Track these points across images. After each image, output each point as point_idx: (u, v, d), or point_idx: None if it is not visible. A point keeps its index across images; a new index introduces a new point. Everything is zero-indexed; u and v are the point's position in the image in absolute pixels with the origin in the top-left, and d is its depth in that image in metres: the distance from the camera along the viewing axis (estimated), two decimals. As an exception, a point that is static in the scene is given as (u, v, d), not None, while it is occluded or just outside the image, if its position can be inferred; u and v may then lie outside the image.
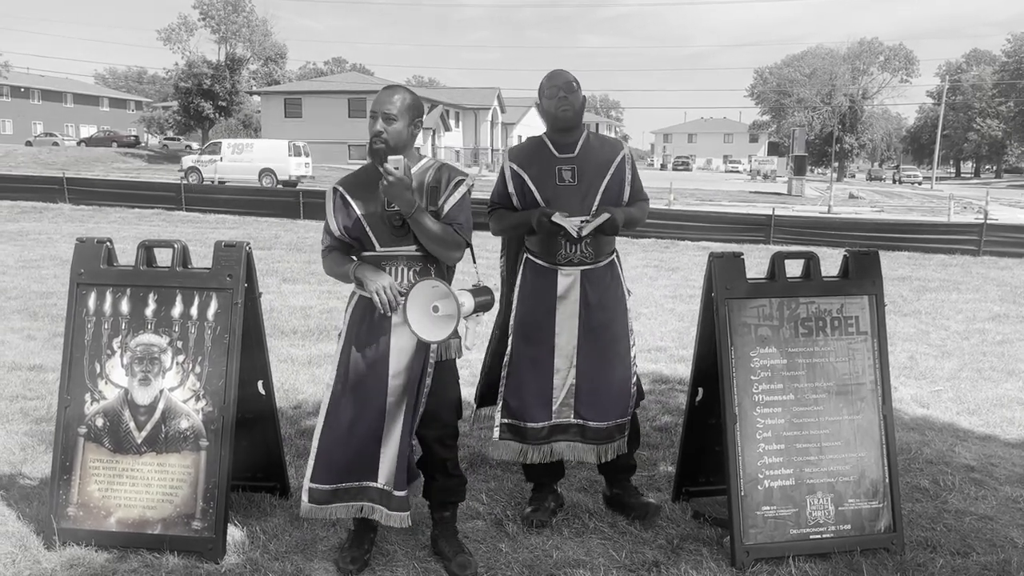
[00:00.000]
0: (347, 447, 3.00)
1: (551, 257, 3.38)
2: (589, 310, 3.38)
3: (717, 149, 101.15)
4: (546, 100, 3.37)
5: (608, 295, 3.43)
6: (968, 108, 77.35)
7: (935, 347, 7.34)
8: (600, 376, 3.42)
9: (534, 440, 3.43)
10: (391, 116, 2.91)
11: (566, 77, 3.37)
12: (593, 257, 3.38)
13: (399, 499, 3.00)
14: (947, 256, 15.27)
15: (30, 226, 16.07)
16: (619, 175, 3.42)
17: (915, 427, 4.98)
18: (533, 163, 3.41)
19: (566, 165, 3.37)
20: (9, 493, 3.62)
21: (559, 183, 3.35)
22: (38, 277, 9.70)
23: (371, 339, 2.98)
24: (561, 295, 3.38)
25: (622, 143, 3.57)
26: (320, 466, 3.02)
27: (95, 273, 3.29)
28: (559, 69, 3.41)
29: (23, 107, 67.62)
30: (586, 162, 3.38)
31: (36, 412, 4.79)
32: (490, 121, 59.86)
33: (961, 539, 3.43)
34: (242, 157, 29.91)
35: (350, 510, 3.06)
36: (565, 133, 3.41)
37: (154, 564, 3.05)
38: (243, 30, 49.86)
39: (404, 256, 2.97)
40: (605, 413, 3.44)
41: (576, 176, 3.36)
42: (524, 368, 3.42)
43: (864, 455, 3.31)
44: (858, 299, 3.38)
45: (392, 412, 3.00)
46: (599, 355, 3.41)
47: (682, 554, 3.26)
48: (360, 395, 2.99)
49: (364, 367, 2.98)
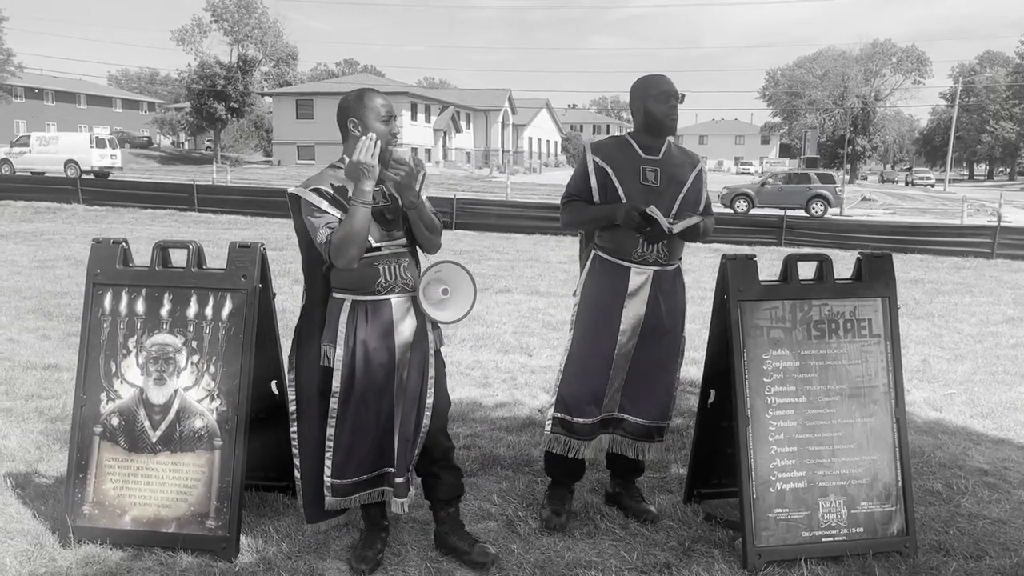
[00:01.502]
0: (362, 443, 3.04)
1: (626, 254, 3.37)
2: (656, 311, 3.39)
3: (728, 151, 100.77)
4: (654, 103, 3.37)
5: (674, 299, 3.45)
6: (981, 110, 76.89)
7: (948, 350, 7.31)
8: (651, 377, 3.45)
9: (582, 435, 3.45)
10: (395, 115, 3.05)
11: (672, 86, 3.40)
12: (667, 258, 3.39)
13: (399, 484, 3.09)
14: (960, 259, 15.20)
15: (44, 226, 16.20)
16: (697, 185, 3.46)
17: (928, 430, 4.96)
18: (618, 160, 3.42)
19: (650, 167, 3.39)
20: (25, 491, 3.65)
21: (643, 182, 3.37)
22: (52, 277, 9.77)
23: (375, 340, 2.99)
24: (631, 293, 3.38)
25: (699, 157, 3.63)
26: (338, 463, 3.05)
27: (111, 273, 3.32)
28: (663, 75, 3.44)
29: (37, 108, 68.02)
30: (668, 167, 3.41)
31: (51, 411, 4.83)
32: (501, 122, 59.89)
33: (974, 543, 3.42)
34: (48, 149, 31.56)
35: (372, 496, 3.12)
36: (652, 137, 3.43)
37: (168, 562, 3.07)
38: (255, 32, 50.09)
39: (394, 253, 3.01)
40: (647, 412, 3.46)
41: (659, 179, 3.38)
42: (584, 364, 3.44)
43: (877, 458, 3.30)
44: (871, 301, 3.38)
45: (405, 404, 3.06)
46: (655, 356, 3.43)
47: (694, 556, 3.26)
48: (371, 395, 3.02)
49: (372, 368, 3.00)
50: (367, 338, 2.99)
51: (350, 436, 3.03)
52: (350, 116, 2.97)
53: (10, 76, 48.17)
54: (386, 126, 2.96)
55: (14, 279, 9.56)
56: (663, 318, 3.41)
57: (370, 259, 2.96)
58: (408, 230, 3.05)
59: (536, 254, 13.71)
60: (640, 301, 3.39)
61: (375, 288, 2.98)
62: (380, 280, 2.98)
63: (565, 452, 3.47)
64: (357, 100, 2.98)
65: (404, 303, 3.03)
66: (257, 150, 65.76)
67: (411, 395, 3.06)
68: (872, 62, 70.50)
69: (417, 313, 3.06)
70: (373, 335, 2.99)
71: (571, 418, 3.45)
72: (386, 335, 3.00)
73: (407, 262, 3.05)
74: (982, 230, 16.61)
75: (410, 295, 3.04)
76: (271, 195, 21.72)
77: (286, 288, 9.26)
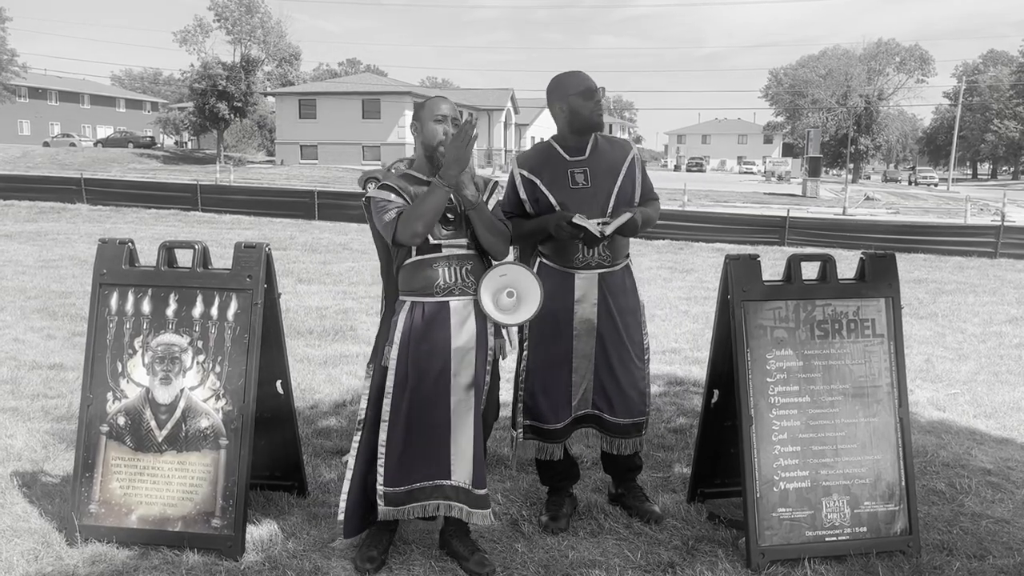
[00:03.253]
0: (415, 449, 3.03)
1: (568, 261, 3.36)
2: (608, 312, 3.39)
3: (731, 150, 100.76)
4: (579, 101, 3.31)
5: (625, 297, 3.44)
6: (985, 109, 76.76)
7: (952, 350, 7.31)
8: (617, 375, 3.44)
9: (556, 438, 3.46)
10: (455, 119, 3.08)
11: (590, 81, 3.36)
12: (610, 260, 3.38)
13: (480, 497, 3.07)
14: (964, 258, 15.18)
15: (49, 226, 16.23)
16: (631, 175, 3.41)
17: (931, 430, 4.97)
18: (544, 168, 3.39)
19: (578, 168, 3.36)
20: (31, 490, 3.67)
21: (572, 186, 3.34)
22: (57, 277, 9.80)
23: (431, 343, 3.00)
24: (579, 298, 3.37)
25: (630, 143, 3.55)
26: (390, 470, 3.04)
27: (117, 273, 3.33)
28: (579, 71, 3.39)
29: (41, 108, 68.17)
30: (597, 164, 3.38)
31: (57, 410, 4.85)
32: (503, 122, 59.84)
33: (977, 542, 3.43)
34: None
35: (426, 509, 3.09)
36: (578, 137, 3.39)
37: (174, 561, 3.09)
38: (257, 31, 50.02)
39: (457, 255, 3.03)
40: (623, 410, 3.46)
41: (589, 178, 3.35)
42: (543, 371, 3.43)
43: (880, 457, 3.31)
44: (874, 301, 3.38)
45: (460, 411, 3.04)
46: (617, 356, 3.43)
47: (697, 555, 3.27)
48: (424, 399, 3.01)
49: (426, 371, 3.00)
50: (422, 339, 3.00)
51: (403, 441, 3.02)
52: (414, 119, 3.12)
53: (14, 76, 48.20)
54: (439, 125, 3.03)
55: (19, 279, 9.58)
56: (615, 318, 3.40)
57: (430, 260, 3.00)
58: (472, 233, 3.06)
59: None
60: (589, 305, 3.38)
61: (434, 290, 3.00)
62: (439, 282, 3.00)
63: (543, 456, 3.48)
64: (420, 105, 3.13)
65: (464, 307, 3.03)
66: (260, 150, 65.81)
67: (476, 402, 3.06)
68: (875, 61, 70.35)
69: (478, 318, 3.06)
70: (429, 336, 3.00)
71: (541, 424, 3.45)
72: (442, 338, 3.00)
73: (470, 265, 3.06)
74: (986, 230, 16.58)
75: (471, 298, 3.05)
76: (274, 195, 21.77)
77: (290, 288, 9.28)
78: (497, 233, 3.07)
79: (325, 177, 36.70)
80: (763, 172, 69.64)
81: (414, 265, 3.02)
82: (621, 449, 3.51)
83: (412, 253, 3.02)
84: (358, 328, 7.51)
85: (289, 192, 22.73)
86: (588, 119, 3.33)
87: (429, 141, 3.03)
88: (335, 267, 11.47)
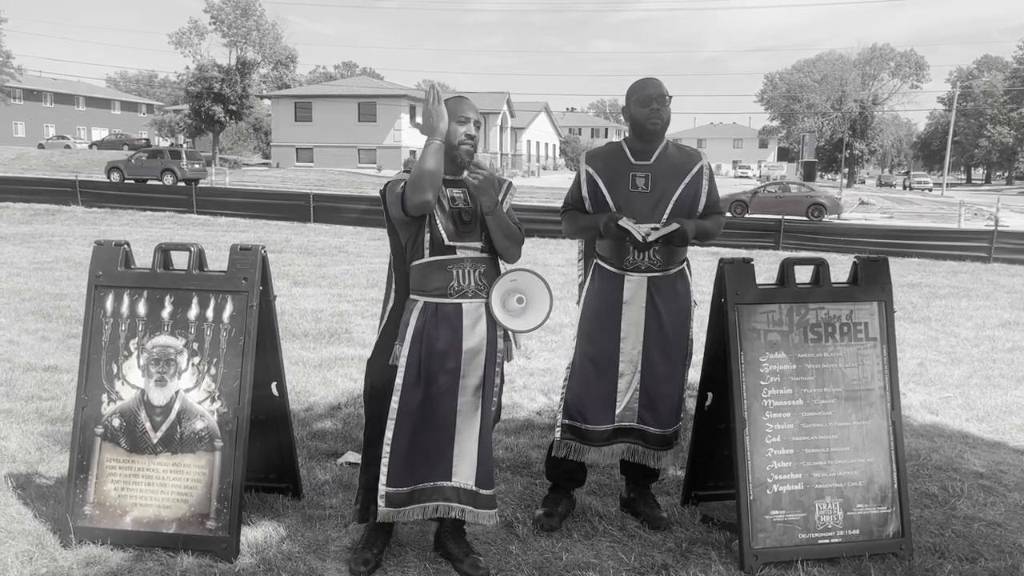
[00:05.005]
0: (418, 450, 3.04)
1: (619, 262, 3.40)
2: (656, 317, 3.40)
3: (727, 154, 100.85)
4: (636, 107, 3.38)
5: (675, 304, 3.45)
6: (979, 114, 76.97)
7: (945, 354, 7.34)
8: (663, 383, 3.45)
9: (595, 442, 3.48)
10: (478, 122, 3.09)
11: (660, 89, 3.40)
12: (661, 265, 3.40)
13: (486, 497, 3.07)
14: (957, 263, 15.24)
15: (43, 228, 16.20)
16: (694, 185, 3.42)
17: (924, 433, 4.99)
18: (608, 168, 3.45)
19: (640, 172, 3.40)
20: (26, 492, 3.67)
21: (632, 189, 3.39)
22: (52, 279, 9.78)
23: (441, 344, 3.00)
24: (627, 300, 3.40)
25: (701, 154, 3.55)
26: (393, 470, 3.03)
27: (113, 275, 3.34)
28: (652, 78, 3.45)
29: (35, 110, 68.06)
30: (661, 171, 3.40)
31: (51, 412, 4.84)
32: (499, 126, 59.88)
33: (969, 545, 3.44)
34: None
35: (426, 511, 3.09)
36: (641, 141, 3.44)
37: (169, 563, 3.09)
38: (253, 34, 50.00)
39: (470, 258, 3.03)
40: (665, 420, 3.48)
41: (649, 184, 3.38)
42: (588, 371, 3.46)
43: (873, 460, 3.33)
44: (867, 305, 3.40)
45: (466, 412, 3.05)
46: (663, 363, 3.44)
47: (691, 558, 3.28)
48: (430, 399, 3.02)
49: (436, 369, 3.01)
50: (434, 340, 3.00)
51: (408, 441, 3.02)
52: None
53: (9, 78, 48.11)
54: (460, 127, 3.04)
55: (13, 281, 9.56)
56: (665, 325, 3.41)
57: (444, 261, 3.00)
58: (487, 236, 3.07)
59: (535, 257, 13.73)
60: (637, 308, 3.40)
61: (447, 291, 3.01)
62: (453, 283, 3.01)
63: (577, 458, 3.49)
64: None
65: (476, 309, 3.03)
66: (256, 152, 65.75)
67: (483, 404, 3.06)
68: (870, 66, 70.60)
69: (489, 320, 3.07)
70: (440, 337, 3.00)
71: (581, 424, 3.48)
72: (453, 339, 3.01)
73: (484, 268, 3.06)
74: (979, 234, 16.66)
75: (483, 301, 3.05)
76: (270, 198, 21.76)
77: (286, 290, 9.28)
78: (511, 237, 3.09)
79: (321, 180, 36.70)
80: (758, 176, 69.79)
81: (427, 265, 3.01)
82: (661, 463, 3.53)
83: (425, 253, 3.01)
84: (353, 331, 7.52)
85: (285, 195, 22.74)
86: (643, 125, 3.40)
87: (451, 141, 3.03)
88: (330, 270, 11.47)
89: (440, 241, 3.00)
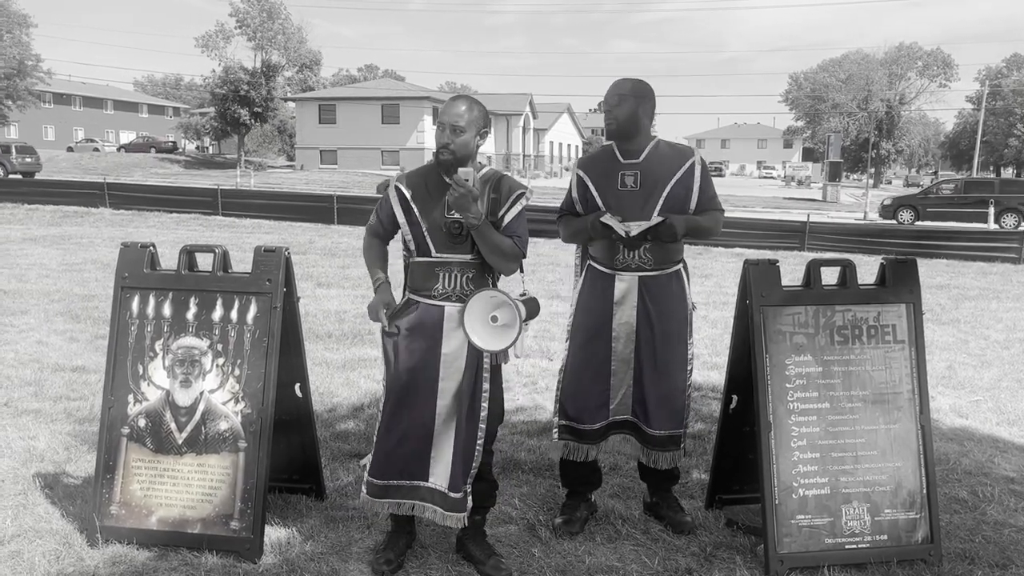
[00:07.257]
0: (399, 447, 3.06)
1: (610, 262, 3.40)
2: (647, 318, 3.39)
3: (751, 155, 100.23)
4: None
5: (669, 305, 3.41)
6: (1008, 113, 75.73)
7: (974, 356, 7.23)
8: (656, 384, 3.43)
9: (590, 440, 3.48)
10: (459, 128, 2.95)
11: (616, 89, 3.39)
12: (653, 264, 3.38)
13: (455, 500, 3.05)
14: (987, 264, 15.02)
15: (72, 230, 16.41)
16: (685, 182, 3.38)
17: (953, 437, 4.91)
18: (598, 169, 3.46)
19: (629, 171, 3.39)
20: (54, 491, 3.71)
21: (621, 188, 3.38)
22: (80, 280, 9.90)
23: (422, 344, 3.02)
24: (618, 300, 3.39)
25: (693, 150, 3.49)
26: (376, 461, 3.09)
27: (139, 277, 3.37)
28: (621, 79, 3.44)
29: (65, 113, 69.05)
30: (650, 168, 3.39)
31: (79, 412, 4.90)
32: (522, 127, 59.90)
33: (1000, 551, 3.38)
34: None
35: (401, 507, 3.12)
36: (629, 140, 3.42)
37: (193, 563, 3.11)
38: (278, 37, 50.35)
39: (458, 263, 3.01)
40: (660, 421, 3.44)
41: (639, 181, 3.37)
42: (581, 372, 3.46)
43: (901, 465, 3.28)
44: (895, 307, 3.35)
45: (445, 416, 3.04)
46: (656, 363, 3.42)
47: (715, 562, 3.25)
48: (411, 398, 3.04)
49: (415, 371, 3.02)
50: (413, 337, 3.01)
51: (392, 436, 3.06)
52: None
53: (39, 82, 48.79)
54: (440, 132, 2.97)
55: (43, 282, 9.69)
56: (655, 325, 3.39)
57: (433, 263, 3.00)
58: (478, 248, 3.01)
59: (556, 258, 13.69)
60: (628, 307, 3.39)
61: (432, 292, 3.01)
62: (438, 285, 3.01)
63: (574, 457, 3.49)
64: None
65: (458, 314, 2.99)
66: (280, 154, 66.25)
67: (463, 409, 3.03)
68: (897, 65, 69.73)
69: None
70: (420, 336, 3.01)
71: (577, 424, 3.47)
72: (433, 340, 3.01)
73: (472, 274, 3.02)
74: (1009, 235, 16.41)
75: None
76: (294, 199, 21.90)
77: (308, 292, 9.33)
78: (499, 253, 2.97)
79: (344, 182, 36.90)
80: (783, 177, 69.23)
81: (418, 265, 3.05)
82: (658, 463, 3.50)
83: (415, 254, 3.04)
84: (376, 332, 7.50)
85: (309, 197, 22.87)
86: (606, 127, 3.44)
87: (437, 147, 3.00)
88: (354, 271, 11.51)
89: (427, 251, 3.00)
